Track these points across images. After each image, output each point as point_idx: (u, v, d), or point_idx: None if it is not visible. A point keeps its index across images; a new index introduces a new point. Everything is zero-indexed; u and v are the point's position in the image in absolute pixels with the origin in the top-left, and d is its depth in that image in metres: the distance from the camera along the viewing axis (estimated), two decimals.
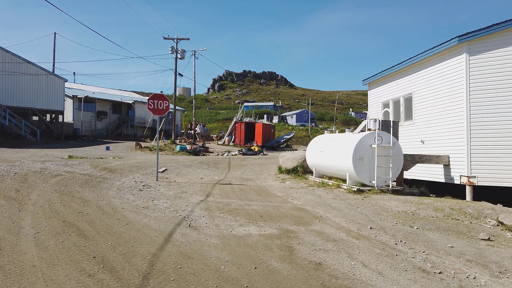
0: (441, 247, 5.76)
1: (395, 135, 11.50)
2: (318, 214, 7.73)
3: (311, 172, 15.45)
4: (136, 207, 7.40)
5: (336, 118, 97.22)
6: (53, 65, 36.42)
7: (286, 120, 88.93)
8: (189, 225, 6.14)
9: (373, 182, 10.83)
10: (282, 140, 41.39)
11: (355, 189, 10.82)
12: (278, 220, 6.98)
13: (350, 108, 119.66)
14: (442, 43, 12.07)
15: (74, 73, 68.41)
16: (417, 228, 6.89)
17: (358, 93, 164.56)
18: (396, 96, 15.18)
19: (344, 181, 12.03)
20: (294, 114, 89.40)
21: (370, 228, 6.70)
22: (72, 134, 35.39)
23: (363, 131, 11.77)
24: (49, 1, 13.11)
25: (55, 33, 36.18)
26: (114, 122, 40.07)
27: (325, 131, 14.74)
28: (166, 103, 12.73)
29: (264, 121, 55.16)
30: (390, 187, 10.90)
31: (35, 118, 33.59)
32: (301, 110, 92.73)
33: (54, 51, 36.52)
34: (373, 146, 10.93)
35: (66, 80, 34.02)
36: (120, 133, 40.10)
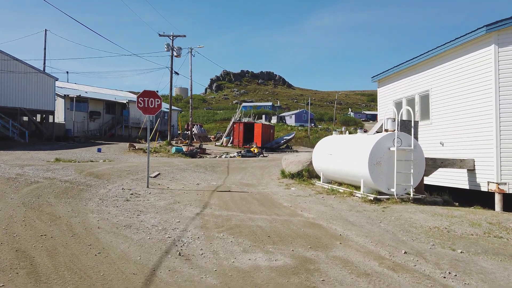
0: (504, 283, 4.48)
1: (416, 136, 10.23)
2: (336, 232, 6.44)
3: (317, 177, 14.17)
4: (116, 225, 6.06)
5: (335, 119, 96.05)
6: (44, 63, 35.05)
7: (285, 121, 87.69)
8: (180, 254, 4.82)
9: (392, 190, 9.55)
10: (282, 141, 40.10)
11: (372, 198, 9.53)
12: (290, 242, 5.68)
13: (349, 108, 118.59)
14: (466, 34, 10.81)
15: (67, 72, 66.83)
16: (461, 252, 5.60)
17: (356, 93, 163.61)
18: (410, 94, 13.92)
19: (357, 188, 10.75)
20: (293, 114, 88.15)
21: (405, 252, 5.41)
22: (63, 135, 33.98)
23: (379, 132, 10.50)
24: None
25: (45, 30, 34.80)
26: (107, 123, 38.67)
27: (334, 132, 13.46)
28: (157, 101, 11.42)
29: (263, 121, 53.91)
30: (411, 195, 9.61)
31: (25, 118, 32.21)
32: (300, 110, 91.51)
33: (45, 48, 35.11)
34: (391, 149, 9.64)
35: (57, 79, 32.61)
36: (114, 134, 38.71)
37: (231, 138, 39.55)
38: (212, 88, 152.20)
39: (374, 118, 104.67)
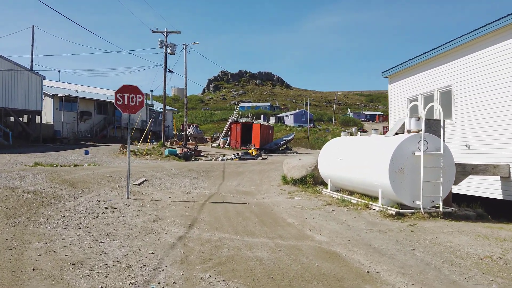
0: None
1: (443, 138, 8.66)
2: (361, 266, 4.84)
3: (323, 183, 12.59)
4: (62, 263, 4.44)
5: (334, 119, 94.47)
6: (31, 60, 33.33)
7: (284, 121, 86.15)
8: None
9: (418, 202, 7.96)
10: (282, 142, 38.49)
11: (393, 213, 7.94)
12: None
13: (348, 109, 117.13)
14: (499, 19, 9.25)
15: (59, 71, 64.77)
16: None
17: (355, 93, 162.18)
18: (428, 90, 12.35)
19: (373, 198, 9.17)
20: (291, 114, 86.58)
21: None
22: (51, 136, 32.28)
23: (399, 134, 8.92)
24: None
25: (33, 26, 33.09)
26: (99, 123, 36.98)
27: (342, 133, 11.87)
28: (139, 98, 9.80)
29: (261, 121, 52.27)
30: (441, 209, 8.02)
31: (12, 119, 30.50)
32: (299, 110, 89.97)
33: (32, 45, 33.38)
34: (417, 153, 8.06)
35: (44, 77, 30.93)
36: (106, 135, 37.01)
37: (228, 139, 37.93)
38: (210, 88, 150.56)
39: (373, 118, 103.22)
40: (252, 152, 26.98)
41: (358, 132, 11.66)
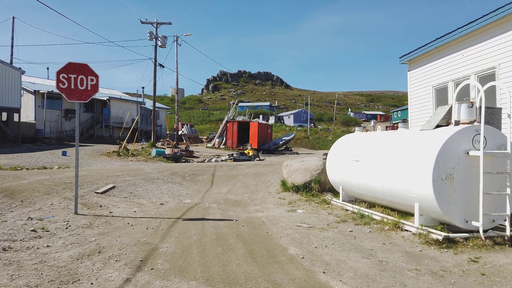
0: None
1: (510, 131, 6.27)
2: None
3: (331, 190, 10.24)
4: None
5: (335, 119, 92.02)
6: (11, 54, 30.81)
7: (283, 121, 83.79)
8: None
9: (475, 223, 5.56)
10: (281, 142, 36.05)
11: (440, 238, 5.54)
12: None
13: (349, 108, 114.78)
14: None
15: (48, 68, 61.82)
16: None
17: (354, 93, 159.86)
18: (461, 75, 9.96)
19: (403, 214, 6.80)
20: (291, 114, 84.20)
21: None
22: (33, 136, 29.83)
23: (441, 127, 6.52)
24: None
25: (13, 17, 30.67)
26: (86, 122, 34.51)
27: (356, 129, 9.47)
28: (92, 80, 7.37)
29: (260, 120, 49.84)
30: (508, 232, 5.62)
31: None
32: (299, 110, 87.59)
33: (12, 38, 30.96)
34: (472, 153, 5.68)
35: (23, 72, 28.49)
36: (93, 134, 34.57)
37: (224, 139, 35.51)
38: (209, 88, 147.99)
39: (374, 118, 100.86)
40: (249, 153, 24.56)
41: (378, 127, 9.27)
